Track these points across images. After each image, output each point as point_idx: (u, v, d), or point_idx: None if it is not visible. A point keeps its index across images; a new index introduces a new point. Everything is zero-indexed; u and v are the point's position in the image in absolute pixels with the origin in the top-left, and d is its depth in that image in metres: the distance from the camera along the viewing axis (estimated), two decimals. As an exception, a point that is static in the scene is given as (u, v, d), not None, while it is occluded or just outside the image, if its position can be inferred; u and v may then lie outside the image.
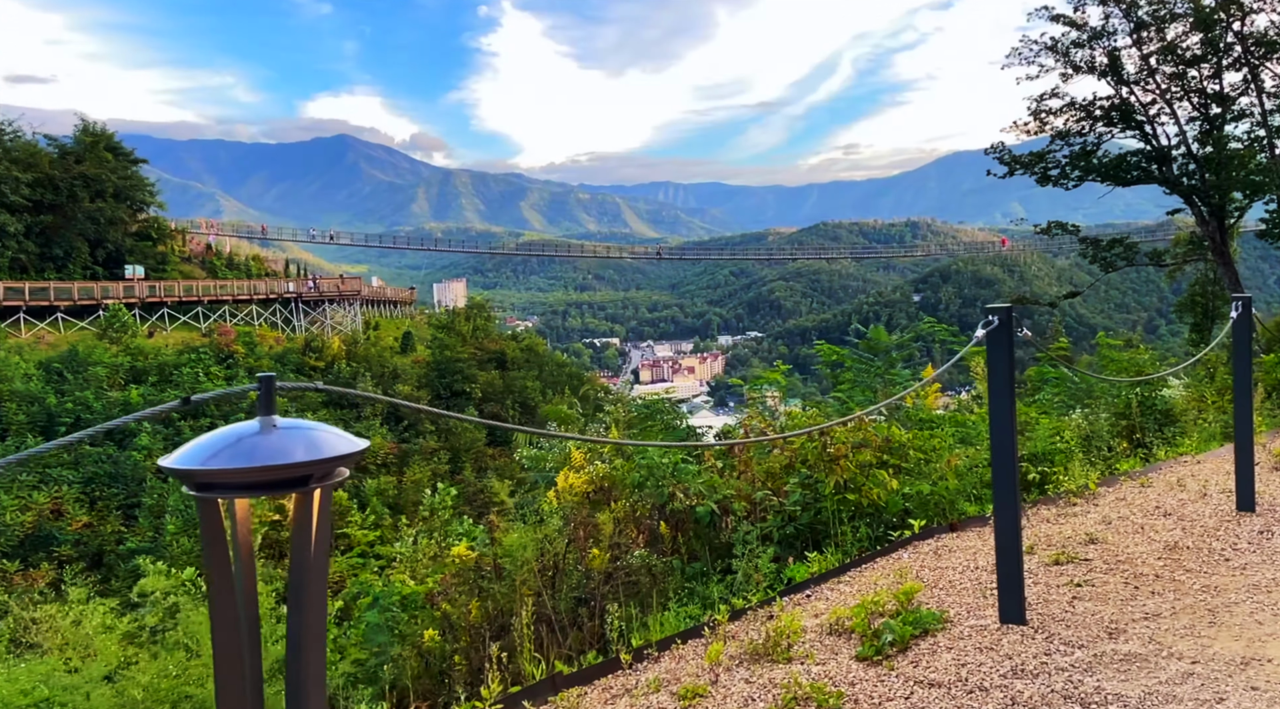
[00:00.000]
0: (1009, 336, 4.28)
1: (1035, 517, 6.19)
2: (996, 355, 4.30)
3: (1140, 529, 5.59)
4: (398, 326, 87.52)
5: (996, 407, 4.29)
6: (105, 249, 62.69)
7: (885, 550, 5.62)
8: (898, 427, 9.61)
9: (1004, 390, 4.27)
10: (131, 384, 52.87)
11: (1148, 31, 32.00)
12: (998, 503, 4.25)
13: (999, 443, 4.28)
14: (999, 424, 4.28)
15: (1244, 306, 5.74)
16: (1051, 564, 4.93)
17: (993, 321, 4.26)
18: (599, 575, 6.06)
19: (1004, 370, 4.27)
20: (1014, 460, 4.23)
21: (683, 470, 7.10)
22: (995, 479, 4.29)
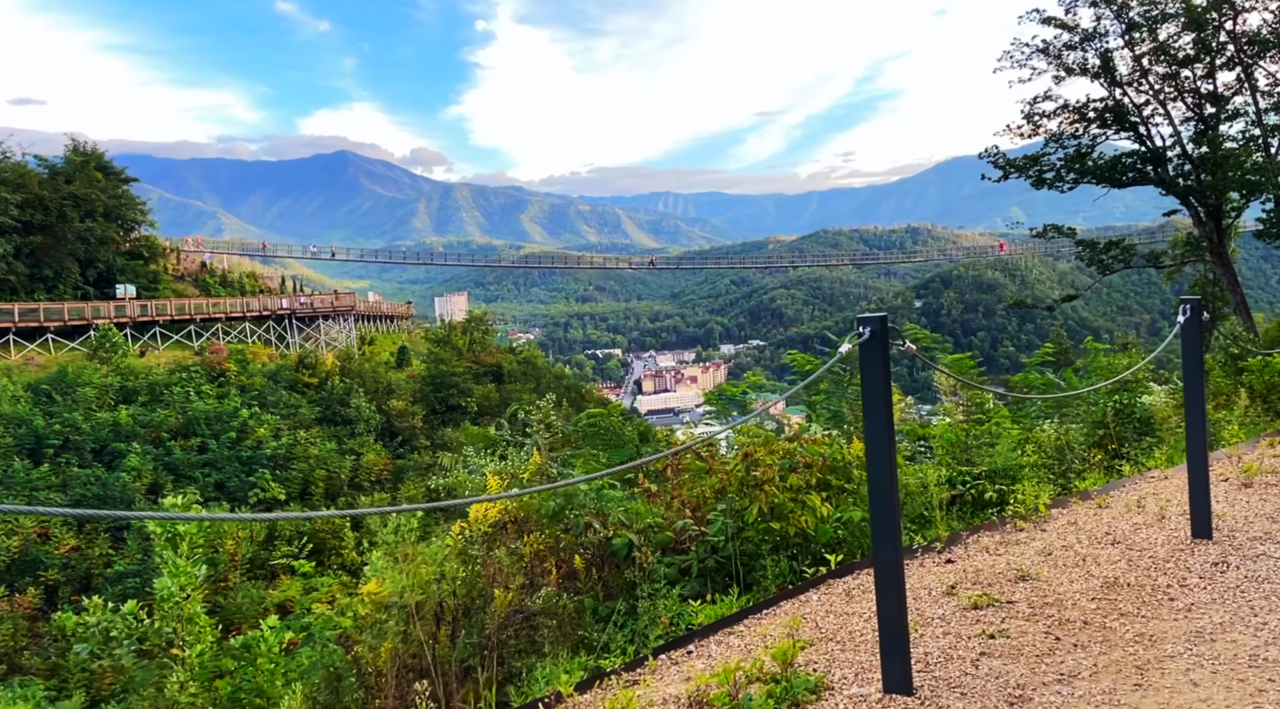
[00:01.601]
0: (883, 350, 3.78)
1: (974, 546, 5.67)
2: (871, 371, 3.79)
3: (1081, 561, 5.06)
4: (394, 341, 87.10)
5: (872, 431, 3.77)
6: (96, 269, 62.37)
7: (795, 590, 5.10)
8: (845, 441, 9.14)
9: (879, 411, 3.76)
10: (122, 404, 52.41)
11: (1139, 32, 31.59)
12: (877, 549, 3.73)
13: (876, 475, 3.76)
14: (875, 452, 3.77)
15: (1193, 310, 5.22)
16: (970, 608, 4.41)
17: (863, 333, 3.76)
18: (500, 618, 5.55)
19: (879, 389, 3.77)
20: (893, 495, 3.70)
21: (606, 497, 6.60)
22: (874, 517, 3.76)
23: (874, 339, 3.77)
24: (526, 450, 7.92)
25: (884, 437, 3.77)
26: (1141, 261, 40.20)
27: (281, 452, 54.33)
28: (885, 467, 3.74)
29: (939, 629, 4.22)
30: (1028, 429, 11.08)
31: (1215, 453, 8.71)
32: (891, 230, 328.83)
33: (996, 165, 34.64)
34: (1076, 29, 32.46)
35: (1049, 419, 12.99)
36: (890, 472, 3.74)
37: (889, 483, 3.72)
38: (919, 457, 9.41)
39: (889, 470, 3.73)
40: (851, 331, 3.86)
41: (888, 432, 3.77)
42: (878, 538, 3.75)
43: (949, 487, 8.14)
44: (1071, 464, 10.03)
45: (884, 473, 3.74)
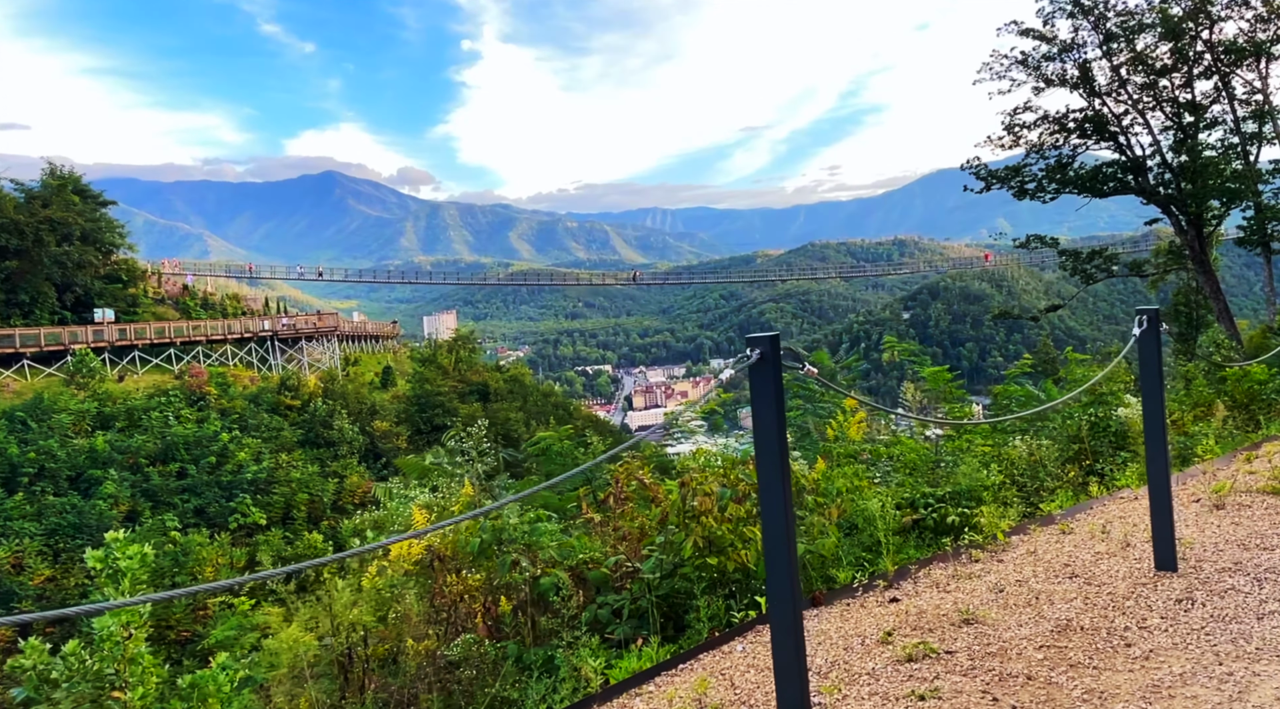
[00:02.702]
0: (775, 374, 3.38)
1: (924, 580, 5.26)
2: (763, 398, 3.39)
3: (1034, 600, 4.66)
4: (379, 362, 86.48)
5: (765, 467, 3.38)
6: (74, 293, 61.68)
7: (721, 638, 4.68)
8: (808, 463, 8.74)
9: (772, 443, 3.36)
10: (99, 430, 51.67)
11: (1117, 43, 31.63)
12: (772, 605, 3.33)
13: (771, 519, 3.36)
14: (769, 491, 3.37)
15: (1150, 321, 4.84)
16: (904, 660, 3.99)
17: (752, 355, 3.37)
18: (411, 672, 5.11)
19: (771, 417, 3.37)
20: (790, 542, 3.31)
21: (539, 531, 6.17)
22: (769, 568, 3.36)
23: (764, 362, 3.37)
24: (459, 480, 7.50)
25: (777, 474, 3.36)
26: (1124, 271, 40.18)
27: (263, 475, 53.64)
28: (780, 508, 3.34)
29: (865, 688, 3.81)
30: (1000, 445, 10.70)
31: (1190, 469, 8.35)
32: (878, 243, 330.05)
33: (978, 177, 34.59)
34: (1054, 40, 32.48)
35: (1024, 433, 12.63)
36: (786, 513, 3.33)
37: (784, 526, 3.32)
38: (889, 478, 9.02)
39: (784, 512, 3.33)
40: (746, 354, 3.46)
41: (782, 468, 3.36)
42: (774, 593, 3.35)
43: (911, 510, 7.75)
44: (1044, 482, 9.65)
45: (779, 515, 3.34)
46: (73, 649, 10.08)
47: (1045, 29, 32.50)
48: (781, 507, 3.35)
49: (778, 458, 3.35)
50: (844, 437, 9.52)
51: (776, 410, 3.36)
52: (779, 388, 3.38)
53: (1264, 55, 30.80)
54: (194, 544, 42.16)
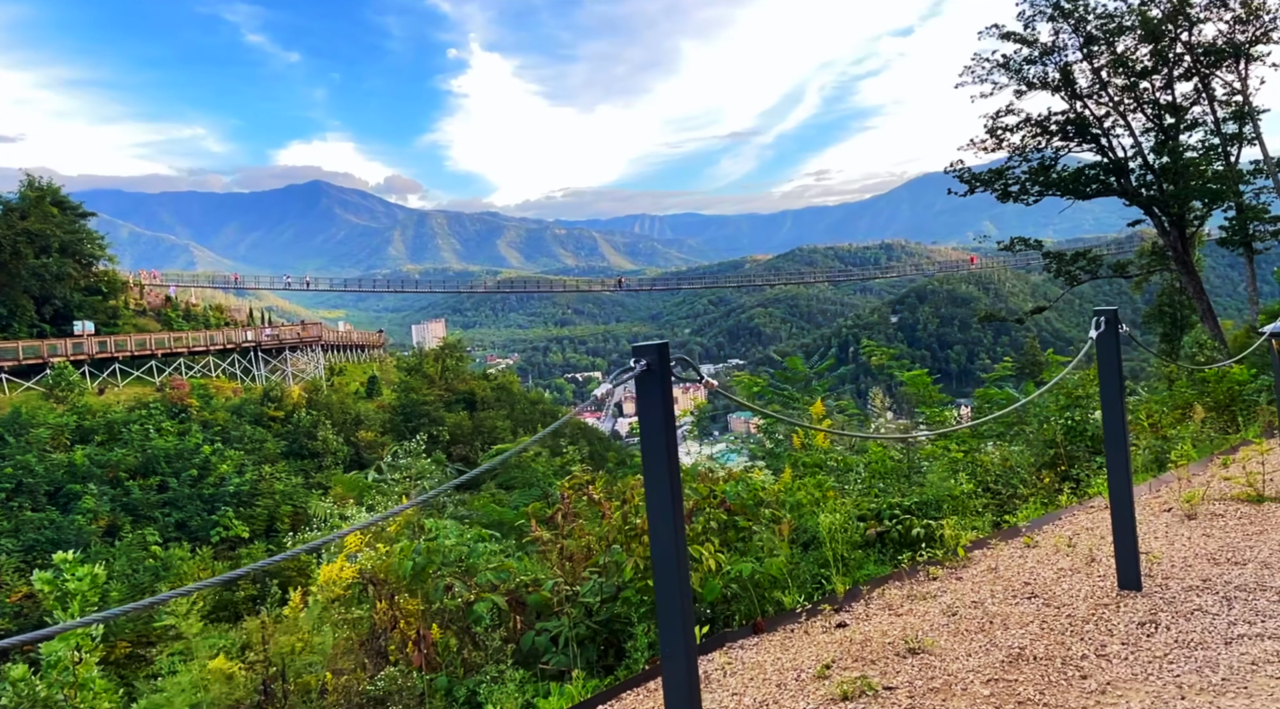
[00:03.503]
0: (663, 387, 3.08)
1: (876, 602, 4.97)
2: (650, 413, 3.08)
3: (989, 624, 4.36)
4: (364, 371, 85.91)
5: (654, 491, 3.06)
6: (53, 305, 61.03)
7: (648, 673, 4.36)
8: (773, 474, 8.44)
9: (661, 457, 3.05)
10: (78, 444, 51.05)
11: (1098, 45, 31.63)
12: (664, 648, 3.02)
13: (661, 546, 3.05)
14: (658, 514, 3.06)
15: (1107, 323, 4.55)
16: (839, 699, 3.66)
17: (635, 367, 3.06)
18: (331, 705, 4.78)
19: (659, 431, 3.06)
20: (683, 572, 3.01)
21: (478, 552, 5.85)
22: (660, 605, 3.04)
23: (651, 374, 3.07)
24: (396, 499, 7.17)
25: (668, 500, 3.04)
26: (1108, 272, 40.21)
27: (245, 488, 53.06)
28: (671, 539, 3.02)
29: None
30: (973, 450, 10.41)
31: (1165, 475, 8.09)
32: (866, 247, 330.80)
33: (962, 180, 34.55)
34: (1036, 43, 32.47)
35: (1002, 438, 12.37)
36: (677, 544, 3.02)
37: (674, 559, 3.01)
38: (852, 489, 8.73)
39: (675, 543, 3.02)
40: (624, 367, 3.15)
41: (673, 494, 3.04)
42: (665, 636, 3.03)
43: (877, 521, 7.47)
44: (1017, 489, 9.38)
45: (669, 548, 3.02)
46: (21, 674, 9.65)
47: (1026, 32, 32.50)
48: (672, 537, 3.04)
49: (666, 482, 3.04)
50: (812, 445, 9.24)
51: (665, 427, 3.05)
52: (668, 402, 3.08)
53: (1243, 56, 30.83)
54: (175, 558, 41.59)
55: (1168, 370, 28.70)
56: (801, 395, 14.53)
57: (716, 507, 6.30)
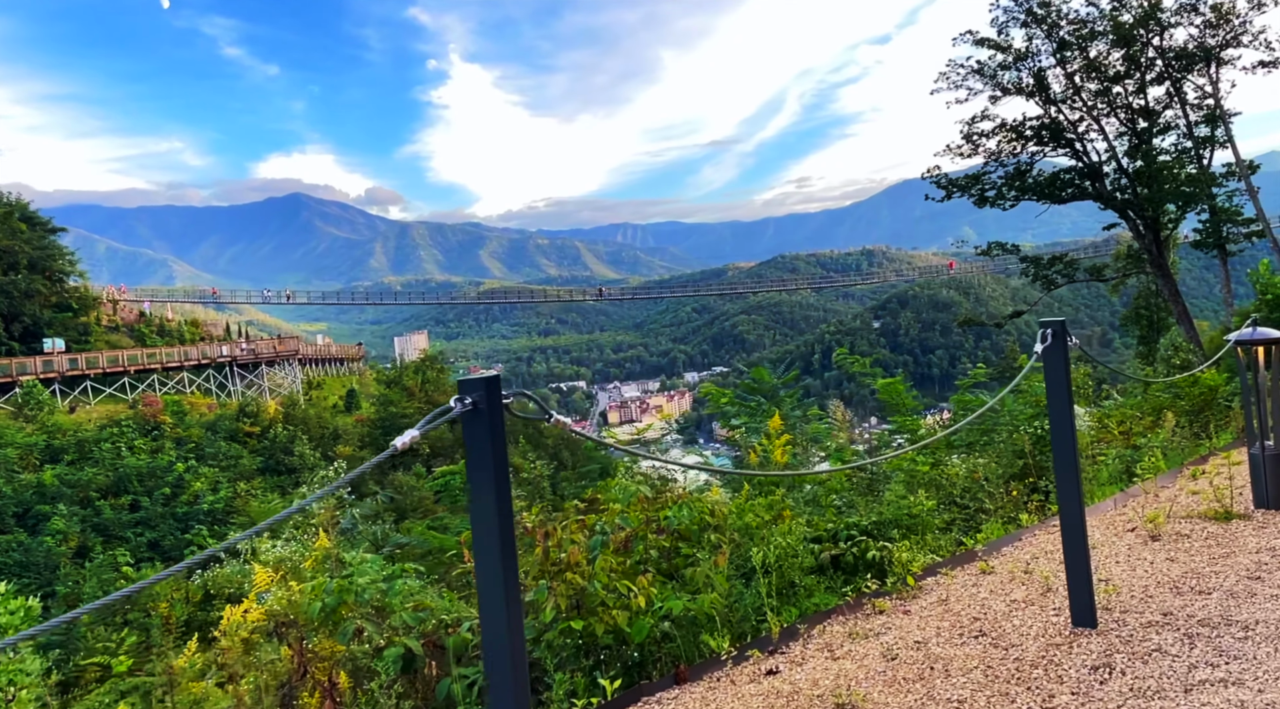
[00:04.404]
0: (493, 425, 2.70)
1: (814, 642, 4.59)
2: (478, 456, 2.71)
3: (929, 671, 3.99)
4: (343, 385, 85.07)
5: (483, 540, 2.69)
6: (21, 323, 60.05)
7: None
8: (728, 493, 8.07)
9: (489, 505, 2.67)
10: (47, 464, 50.10)
11: (1070, 51, 31.65)
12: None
13: (490, 608, 2.67)
14: (486, 570, 2.71)
15: (1054, 335, 4.21)
16: (749, 772, 3.32)
17: (454, 407, 2.68)
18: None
19: (487, 477, 2.68)
20: (512, 626, 2.65)
21: (396, 589, 5.44)
22: (488, 667, 2.66)
23: (478, 415, 2.70)
24: (314, 531, 6.74)
25: (497, 559, 2.66)
26: (1085, 276, 40.30)
27: (220, 505, 52.16)
28: (500, 598, 2.63)
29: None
30: (939, 463, 10.08)
31: (1132, 488, 7.77)
32: (847, 253, 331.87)
33: (939, 185, 34.48)
34: (1009, 49, 32.45)
35: (971, 448, 12.04)
36: (508, 604, 2.64)
37: (504, 620, 2.62)
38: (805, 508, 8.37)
39: (505, 602, 2.64)
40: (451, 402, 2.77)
41: (503, 550, 2.67)
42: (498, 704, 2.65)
43: (833, 543, 7.11)
44: (983, 503, 9.04)
45: (499, 608, 2.64)
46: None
47: (1000, 38, 32.49)
48: (502, 595, 2.65)
49: (496, 540, 2.65)
50: (769, 461, 8.88)
51: (495, 477, 2.68)
52: (499, 447, 2.70)
53: (1214, 60, 30.89)
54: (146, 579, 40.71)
55: (1145, 374, 28.62)
56: (770, 405, 14.22)
57: (656, 533, 5.93)
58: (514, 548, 2.75)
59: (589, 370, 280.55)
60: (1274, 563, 5.15)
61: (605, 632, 4.70)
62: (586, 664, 4.71)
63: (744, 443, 11.24)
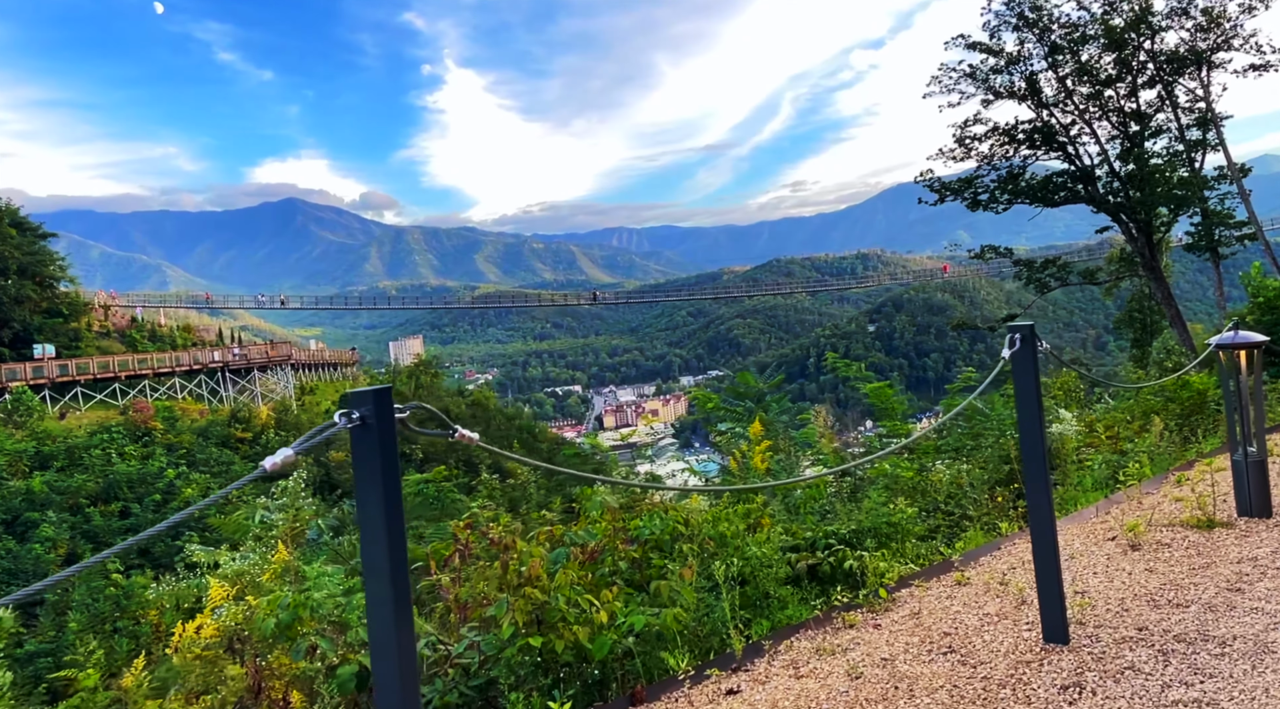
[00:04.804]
0: (383, 442, 2.57)
1: (780, 659, 4.44)
2: (366, 473, 2.56)
3: (893, 692, 3.83)
4: (336, 390, 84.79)
5: (373, 565, 2.54)
6: (11, 329, 59.73)
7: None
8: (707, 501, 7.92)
9: (378, 526, 2.52)
10: (37, 471, 49.77)
11: (1062, 55, 31.66)
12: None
13: (381, 640, 2.53)
14: (377, 599, 2.55)
15: (1023, 340, 4.07)
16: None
17: (338, 422, 2.54)
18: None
19: (376, 498, 2.54)
20: (405, 647, 2.52)
21: (355, 604, 5.29)
22: (378, 695, 2.53)
23: (367, 430, 2.56)
24: (272, 544, 6.57)
25: (387, 583, 2.51)
26: (1078, 279, 40.33)
27: (211, 511, 51.79)
28: (391, 629, 2.49)
29: None
30: (924, 470, 9.94)
31: (1116, 494, 7.63)
32: (842, 257, 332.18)
33: (932, 189, 34.47)
34: (1001, 53, 32.45)
35: (958, 453, 11.91)
36: (399, 638, 2.49)
37: (396, 648, 2.47)
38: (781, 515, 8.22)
39: (396, 637, 2.49)
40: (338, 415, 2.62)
41: (394, 575, 2.51)
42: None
43: (810, 552, 6.97)
44: (966, 510, 8.90)
45: (389, 641, 2.50)
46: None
47: (992, 42, 32.49)
48: (392, 624, 2.50)
49: (386, 560, 2.51)
50: (748, 468, 8.74)
51: (385, 497, 2.53)
52: (389, 464, 2.56)
53: (1204, 64, 30.92)
54: (136, 586, 40.48)
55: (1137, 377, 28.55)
56: (758, 410, 14.09)
57: (626, 543, 5.78)
58: (406, 574, 2.60)
59: (584, 374, 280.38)
60: (1255, 574, 5.02)
61: (565, 648, 4.55)
62: (545, 683, 4.55)
63: (725, 448, 11.11)
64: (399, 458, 2.63)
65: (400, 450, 11.96)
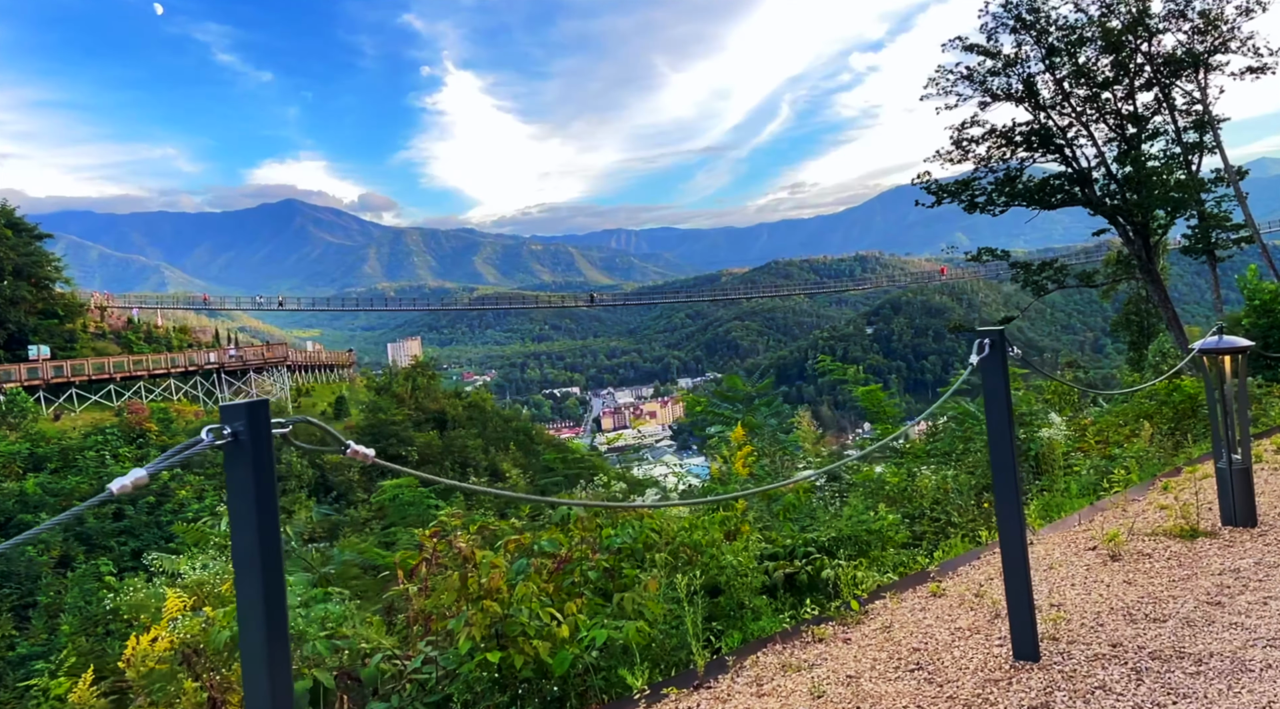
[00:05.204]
0: (257, 460, 2.43)
1: (743, 676, 4.29)
2: (239, 493, 2.42)
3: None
4: (333, 391, 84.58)
5: (243, 568, 2.40)
6: (6, 329, 59.54)
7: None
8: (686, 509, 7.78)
9: (251, 551, 2.38)
10: (30, 473, 49.61)
11: (1059, 57, 31.56)
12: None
13: (252, 672, 2.39)
14: (250, 621, 2.41)
15: (992, 345, 3.92)
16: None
17: (205, 438, 2.39)
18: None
19: (248, 523, 2.40)
20: (277, 674, 2.40)
21: (315, 615, 5.15)
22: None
23: (239, 447, 2.43)
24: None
25: (259, 607, 2.36)
26: (1075, 282, 40.23)
27: (205, 514, 51.63)
28: (262, 663, 2.35)
29: None
30: (910, 476, 9.81)
31: (1100, 502, 7.50)
32: (840, 259, 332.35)
33: (929, 191, 34.38)
34: (999, 55, 32.35)
35: (947, 458, 11.78)
36: (271, 667, 2.35)
37: (265, 681, 2.34)
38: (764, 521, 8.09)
39: (269, 663, 2.35)
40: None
41: (266, 590, 2.36)
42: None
43: (789, 560, 6.84)
44: (951, 516, 8.77)
45: (259, 674, 2.35)
46: None
47: (989, 44, 32.39)
48: (264, 648, 2.35)
49: (260, 582, 2.36)
50: (729, 473, 8.61)
51: (258, 515, 2.39)
52: (264, 480, 2.42)
53: (1202, 66, 30.84)
54: (130, 588, 40.28)
55: (1130, 380, 28.39)
56: (746, 413, 13.97)
57: (595, 553, 5.65)
58: (283, 597, 2.45)
59: (583, 376, 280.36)
60: (1236, 586, 4.89)
61: (525, 664, 4.41)
62: (502, 700, 4.42)
63: (710, 452, 10.98)
64: (275, 477, 2.49)
65: (396, 452, 11.90)
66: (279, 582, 2.42)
